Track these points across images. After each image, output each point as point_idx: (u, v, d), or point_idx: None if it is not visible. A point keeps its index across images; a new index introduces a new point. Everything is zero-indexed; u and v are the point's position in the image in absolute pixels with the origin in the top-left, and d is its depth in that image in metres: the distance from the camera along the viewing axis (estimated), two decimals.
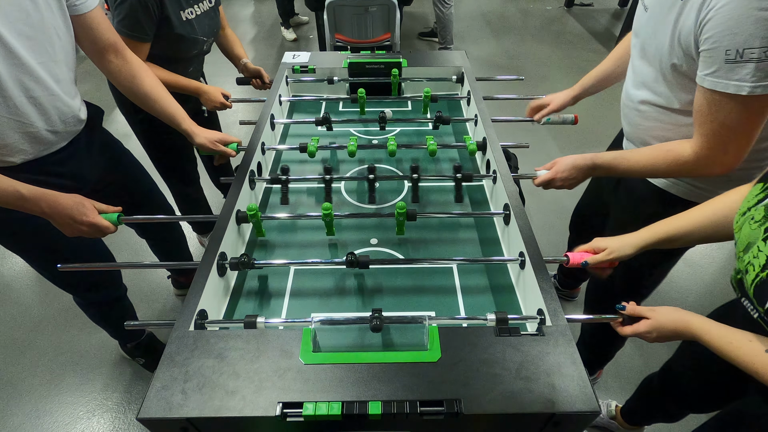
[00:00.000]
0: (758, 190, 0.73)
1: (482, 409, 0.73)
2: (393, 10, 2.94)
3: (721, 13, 0.81)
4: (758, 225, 0.69)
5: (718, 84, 0.85)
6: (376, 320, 0.88)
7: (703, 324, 0.79)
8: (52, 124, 1.09)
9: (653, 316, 0.86)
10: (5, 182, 0.97)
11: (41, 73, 1.02)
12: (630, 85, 1.16)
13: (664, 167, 1.02)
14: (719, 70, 0.84)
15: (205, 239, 2.36)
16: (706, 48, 0.85)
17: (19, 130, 1.03)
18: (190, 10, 1.49)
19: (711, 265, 2.27)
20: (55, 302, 2.09)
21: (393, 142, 1.39)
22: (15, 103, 1.00)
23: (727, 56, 0.82)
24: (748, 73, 0.81)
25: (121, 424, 1.67)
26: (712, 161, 0.95)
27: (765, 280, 0.66)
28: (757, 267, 0.67)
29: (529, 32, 4.81)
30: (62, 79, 1.09)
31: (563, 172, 1.15)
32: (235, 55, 1.86)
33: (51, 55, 1.04)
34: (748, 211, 0.73)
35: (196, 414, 0.73)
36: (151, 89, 1.26)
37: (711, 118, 0.90)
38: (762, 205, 0.70)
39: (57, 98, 1.08)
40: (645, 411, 1.45)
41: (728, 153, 0.92)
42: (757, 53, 0.79)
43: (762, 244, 0.67)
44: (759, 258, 0.67)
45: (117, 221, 1.12)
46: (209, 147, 1.32)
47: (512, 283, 1.12)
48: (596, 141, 2.94)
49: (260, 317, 0.90)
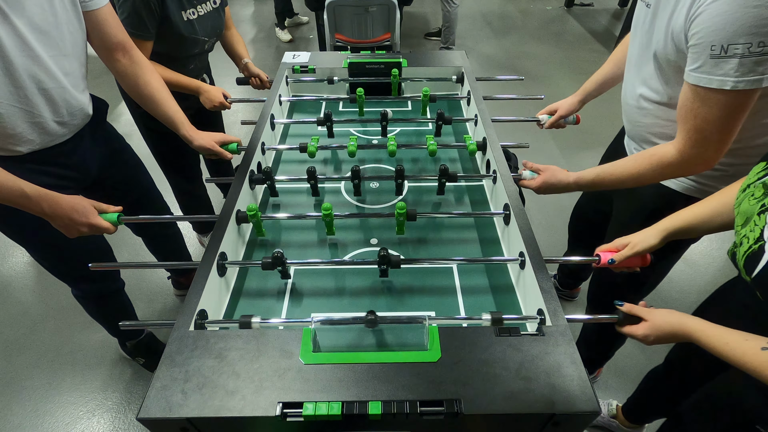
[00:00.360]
0: (760, 168, 0.75)
1: (482, 409, 0.73)
2: (393, 10, 2.94)
3: (709, 9, 0.82)
4: (756, 201, 0.72)
5: (702, 79, 0.86)
6: (370, 314, 0.88)
7: (699, 326, 0.79)
8: (60, 116, 1.12)
9: (650, 318, 0.87)
10: (10, 180, 0.99)
11: (52, 66, 1.05)
12: (629, 83, 1.16)
13: (650, 173, 1.02)
14: (704, 65, 0.85)
15: (205, 239, 2.36)
16: (693, 43, 0.86)
17: (28, 120, 1.06)
18: (192, 11, 1.50)
19: (711, 265, 2.27)
20: (55, 302, 2.09)
21: (393, 142, 1.39)
22: (26, 93, 1.02)
23: (712, 51, 0.83)
24: (731, 68, 0.82)
25: (121, 424, 1.68)
26: (694, 158, 0.95)
27: (756, 251, 0.69)
28: (751, 239, 0.70)
29: (529, 32, 4.81)
30: (71, 73, 1.11)
31: (549, 182, 1.19)
32: (237, 55, 1.86)
33: (62, 49, 1.07)
34: (749, 187, 0.75)
35: (196, 414, 0.73)
36: (155, 91, 1.28)
37: (694, 114, 0.91)
38: (761, 182, 0.72)
39: (65, 91, 1.10)
40: (650, 405, 1.44)
41: (709, 149, 0.93)
42: (741, 49, 0.80)
43: (757, 218, 0.70)
44: (754, 231, 0.70)
45: (117, 221, 1.13)
46: (208, 150, 1.32)
47: (512, 283, 1.12)
48: (597, 141, 2.94)
49: (255, 317, 0.90)
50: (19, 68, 0.99)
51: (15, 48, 0.97)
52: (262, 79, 1.86)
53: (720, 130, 0.90)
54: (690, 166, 0.98)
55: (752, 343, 0.70)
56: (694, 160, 0.96)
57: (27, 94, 1.03)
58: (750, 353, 0.70)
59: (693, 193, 1.11)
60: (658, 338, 0.85)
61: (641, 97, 1.11)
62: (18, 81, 1.00)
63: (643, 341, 0.88)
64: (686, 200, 1.11)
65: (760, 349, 0.69)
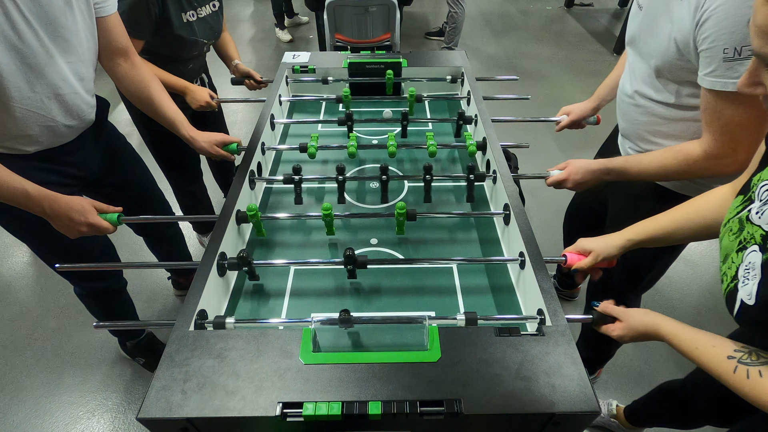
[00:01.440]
0: (738, 202, 0.73)
1: (482, 409, 0.73)
2: (393, 10, 2.94)
3: (717, 12, 0.82)
4: (735, 237, 0.70)
5: (717, 83, 0.86)
6: (343, 313, 0.88)
7: (671, 328, 0.79)
8: (70, 120, 1.14)
9: (625, 318, 0.87)
10: (14, 179, 1.00)
11: (68, 72, 1.08)
12: (626, 82, 1.16)
13: (675, 167, 1.02)
14: (718, 69, 0.85)
15: (205, 239, 2.36)
16: (705, 48, 0.86)
17: (41, 123, 1.08)
18: (192, 13, 1.50)
19: (711, 265, 2.27)
20: (55, 302, 2.09)
21: (393, 142, 1.39)
22: (42, 98, 1.05)
23: (725, 55, 0.83)
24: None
25: (121, 424, 1.67)
26: (723, 159, 0.95)
27: (732, 290, 0.67)
28: (729, 277, 0.69)
29: (529, 32, 4.81)
30: (85, 78, 1.15)
31: (576, 174, 1.17)
32: (228, 56, 1.85)
33: (79, 55, 1.10)
34: (728, 222, 0.74)
35: (196, 414, 0.73)
36: (154, 94, 1.29)
37: (717, 117, 0.91)
38: (737, 218, 0.71)
39: (78, 96, 1.13)
40: (657, 415, 1.43)
41: (739, 150, 0.92)
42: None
43: (735, 255, 0.69)
44: (731, 269, 0.69)
45: (117, 221, 1.14)
46: (209, 152, 1.33)
47: (512, 283, 1.12)
48: (597, 141, 2.93)
49: (229, 318, 0.91)
50: (39, 74, 1.02)
51: (37, 55, 1.00)
52: (255, 78, 1.85)
53: (747, 131, 0.89)
54: (716, 167, 0.97)
55: (719, 350, 0.71)
56: (723, 161, 0.95)
57: (43, 99, 1.05)
58: (715, 360, 0.70)
59: (688, 192, 1.11)
60: (632, 338, 0.86)
61: (638, 94, 1.11)
62: (36, 86, 1.03)
63: (619, 341, 0.88)
64: (682, 199, 1.10)
65: (726, 357, 0.69)
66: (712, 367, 0.71)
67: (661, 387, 1.39)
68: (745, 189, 0.74)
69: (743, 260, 0.66)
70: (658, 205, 1.05)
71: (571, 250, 1.03)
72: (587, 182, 1.18)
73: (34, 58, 0.99)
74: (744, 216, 0.69)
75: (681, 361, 1.83)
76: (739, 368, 0.67)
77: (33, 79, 1.01)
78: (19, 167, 1.02)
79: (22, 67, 0.98)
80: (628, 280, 1.35)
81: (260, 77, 1.84)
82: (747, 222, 0.68)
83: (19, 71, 0.98)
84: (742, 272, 0.66)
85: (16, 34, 0.95)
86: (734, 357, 0.68)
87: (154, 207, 1.56)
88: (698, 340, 0.74)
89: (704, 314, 2.04)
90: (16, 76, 0.98)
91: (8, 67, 0.96)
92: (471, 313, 0.91)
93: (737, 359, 0.68)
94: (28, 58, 0.98)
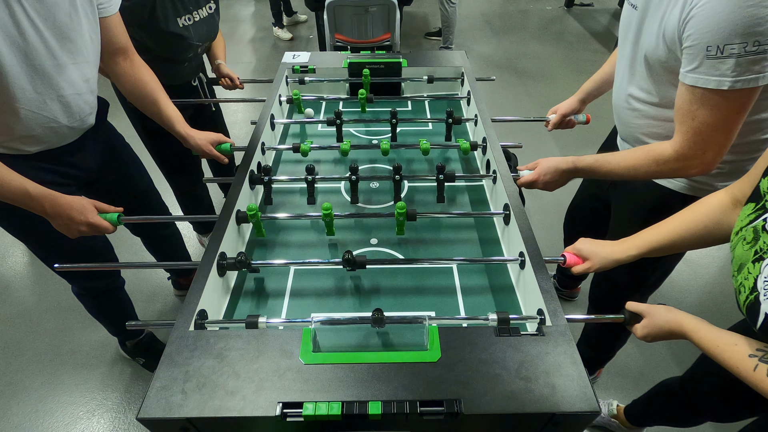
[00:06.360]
0: (750, 210, 0.73)
1: (482, 409, 0.73)
2: (393, 10, 2.94)
3: (703, 10, 0.82)
4: (749, 246, 0.70)
5: (699, 80, 0.86)
6: (377, 313, 0.88)
7: (694, 325, 0.80)
8: (72, 121, 1.15)
9: (650, 314, 0.87)
10: (14, 178, 1.01)
11: (73, 73, 1.09)
12: (620, 84, 1.16)
13: (645, 168, 1.02)
14: (701, 66, 0.85)
15: (205, 239, 2.36)
16: (688, 45, 0.86)
17: (43, 124, 1.09)
18: (188, 17, 1.50)
19: (711, 265, 2.27)
20: (55, 302, 2.09)
21: (386, 141, 1.40)
22: (45, 99, 1.06)
23: (708, 52, 0.83)
24: (728, 69, 0.82)
25: (121, 424, 1.67)
26: (691, 160, 0.95)
27: (754, 302, 0.67)
28: (747, 288, 0.69)
29: (529, 32, 4.81)
30: (90, 78, 1.15)
31: (545, 174, 1.17)
32: (213, 55, 1.82)
33: (85, 56, 1.10)
34: (741, 231, 0.74)
35: (196, 414, 0.73)
36: (151, 91, 1.29)
37: (692, 116, 0.91)
38: (752, 227, 0.71)
39: (81, 97, 1.14)
40: (657, 413, 1.43)
41: (707, 151, 0.93)
42: (737, 49, 0.80)
43: (751, 266, 0.69)
44: (749, 280, 0.68)
45: (117, 221, 1.14)
46: (203, 150, 1.33)
47: (512, 283, 1.12)
48: (597, 141, 2.93)
49: (262, 317, 0.90)
50: (43, 76, 1.02)
51: (43, 57, 1.00)
52: (232, 78, 1.84)
53: (719, 131, 0.90)
54: (686, 168, 0.97)
55: (740, 348, 0.71)
56: (691, 162, 0.95)
57: (46, 100, 1.06)
58: (736, 358, 0.71)
59: (690, 192, 1.11)
60: (655, 337, 0.86)
61: (632, 98, 1.11)
62: (39, 87, 1.03)
63: (643, 339, 0.88)
64: (683, 199, 1.10)
65: (747, 356, 0.69)
66: (733, 364, 0.72)
67: (660, 385, 1.40)
68: (756, 196, 0.73)
69: (761, 271, 0.66)
70: (660, 205, 1.05)
71: (570, 249, 1.03)
72: (557, 182, 1.18)
73: (38, 59, 0.99)
74: (759, 225, 0.69)
75: (681, 361, 1.83)
76: (760, 366, 0.68)
77: (36, 80, 1.02)
78: (18, 167, 1.02)
79: (26, 68, 0.98)
80: (633, 283, 1.35)
81: (239, 81, 1.83)
82: (763, 231, 0.68)
83: (22, 72, 0.98)
84: (762, 284, 0.66)
85: (20, 35, 0.95)
86: (756, 356, 0.69)
87: (150, 207, 1.56)
88: (720, 338, 0.75)
89: (704, 314, 2.01)
90: (20, 77, 0.98)
91: (12, 68, 0.96)
92: (503, 312, 0.89)
93: (759, 358, 0.68)
94: (32, 59, 0.99)
